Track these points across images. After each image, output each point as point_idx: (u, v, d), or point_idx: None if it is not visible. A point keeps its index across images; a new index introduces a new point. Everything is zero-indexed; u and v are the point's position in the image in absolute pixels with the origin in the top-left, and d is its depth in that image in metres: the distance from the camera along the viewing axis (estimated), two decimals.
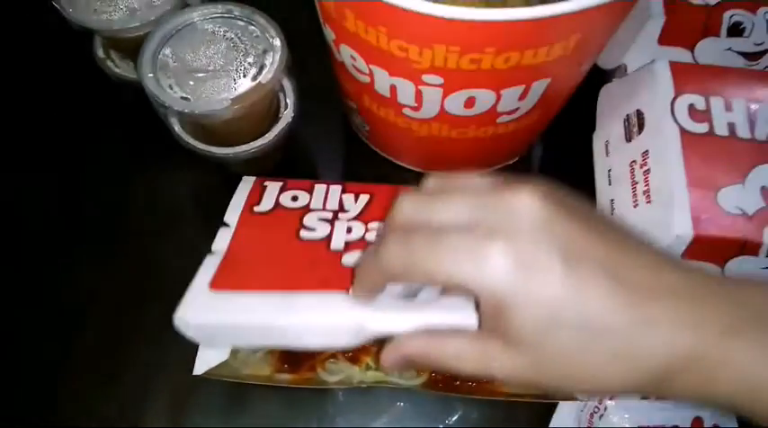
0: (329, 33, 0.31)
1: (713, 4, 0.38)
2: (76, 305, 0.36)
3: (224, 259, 0.28)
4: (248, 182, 0.34)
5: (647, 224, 0.33)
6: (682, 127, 0.33)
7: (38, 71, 0.46)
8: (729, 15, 0.38)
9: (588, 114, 0.40)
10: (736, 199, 0.31)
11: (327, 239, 0.30)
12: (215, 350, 0.28)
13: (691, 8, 0.38)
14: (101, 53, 0.40)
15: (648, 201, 0.33)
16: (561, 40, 0.26)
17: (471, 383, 0.31)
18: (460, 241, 0.21)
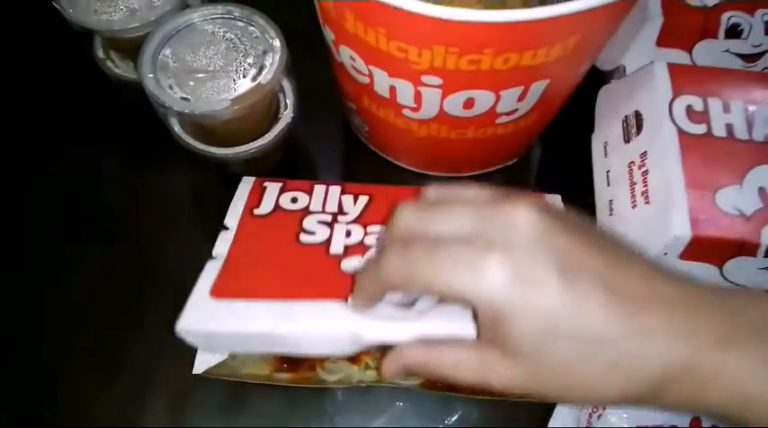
0: (329, 34, 0.31)
1: (711, 5, 0.38)
2: (76, 305, 0.36)
3: (224, 264, 0.29)
4: (248, 182, 0.34)
5: (645, 224, 0.33)
6: (680, 128, 0.33)
7: (38, 71, 0.46)
8: (727, 17, 0.38)
9: (587, 115, 0.40)
10: (734, 199, 0.31)
11: (327, 243, 0.30)
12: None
13: (689, 10, 0.38)
14: (101, 53, 0.40)
15: (647, 202, 0.33)
16: (560, 42, 0.26)
17: None
18: (459, 253, 0.21)
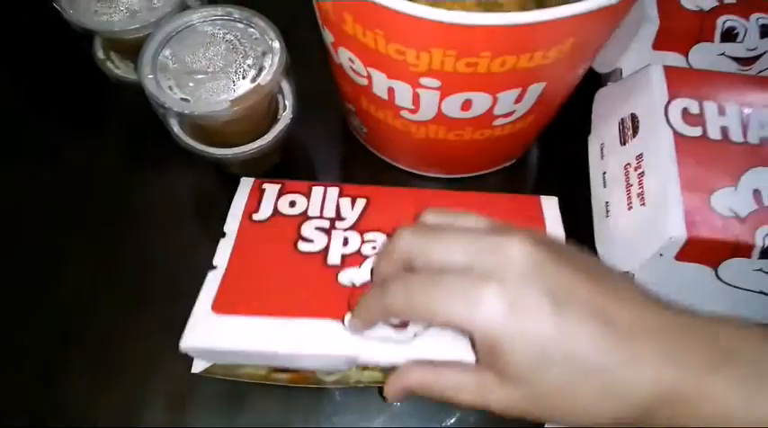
0: (328, 36, 0.32)
1: (707, 9, 0.38)
2: (75, 305, 0.36)
3: (225, 277, 0.30)
4: (247, 183, 0.34)
5: (641, 226, 0.33)
6: (675, 130, 0.33)
7: (38, 72, 0.46)
8: (723, 21, 0.38)
9: (584, 117, 0.41)
10: (728, 201, 0.31)
11: (324, 252, 0.31)
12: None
13: (685, 13, 0.38)
14: (101, 54, 0.40)
15: (643, 204, 0.33)
16: (557, 45, 0.27)
17: None
18: (457, 283, 0.23)
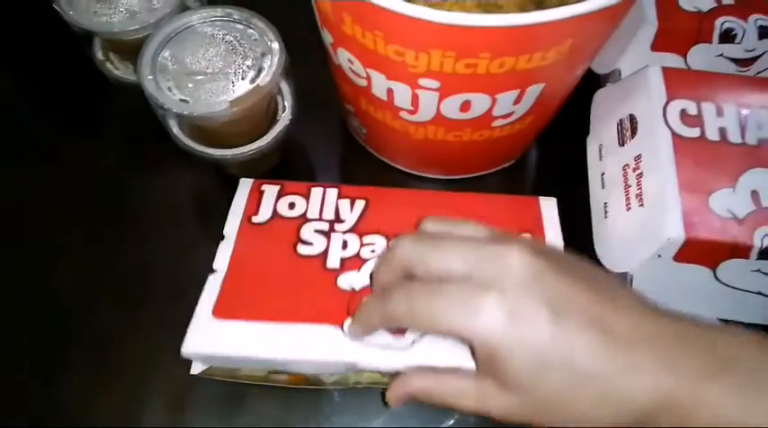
0: (327, 37, 0.32)
1: (706, 10, 0.38)
2: (74, 305, 0.36)
3: (225, 281, 0.30)
4: (246, 184, 0.34)
5: (639, 227, 0.33)
6: (674, 131, 0.33)
7: (38, 72, 0.46)
8: (721, 22, 0.38)
9: (582, 118, 0.41)
10: (727, 202, 0.31)
11: (323, 255, 0.31)
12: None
13: (683, 15, 0.39)
14: (100, 55, 0.40)
15: (641, 205, 0.33)
16: (555, 46, 0.27)
17: None
18: (457, 292, 0.23)
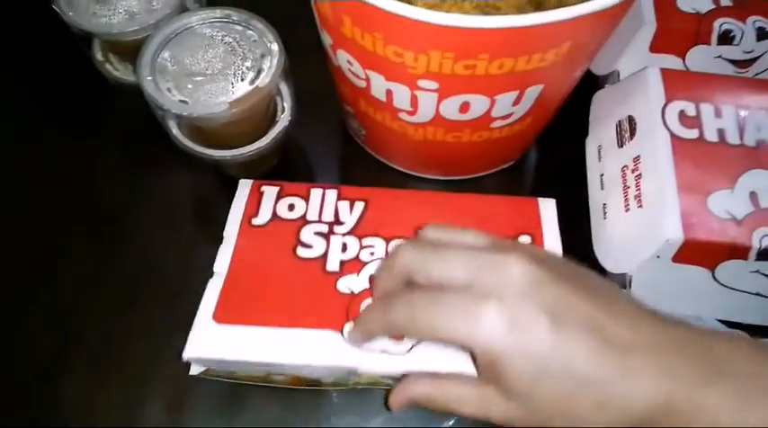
0: (326, 38, 0.32)
1: (704, 12, 0.39)
2: (73, 306, 0.36)
3: (225, 284, 0.30)
4: (245, 185, 0.35)
5: (638, 228, 0.33)
6: (672, 132, 0.34)
7: (37, 73, 0.46)
8: (720, 24, 0.38)
9: (581, 120, 0.41)
10: (725, 203, 0.31)
11: (323, 258, 0.32)
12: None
13: (682, 16, 0.39)
14: (99, 56, 0.41)
15: (640, 206, 0.33)
16: (554, 47, 0.27)
17: None
18: (457, 301, 0.23)
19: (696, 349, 0.23)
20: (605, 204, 0.36)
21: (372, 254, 0.32)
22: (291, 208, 0.33)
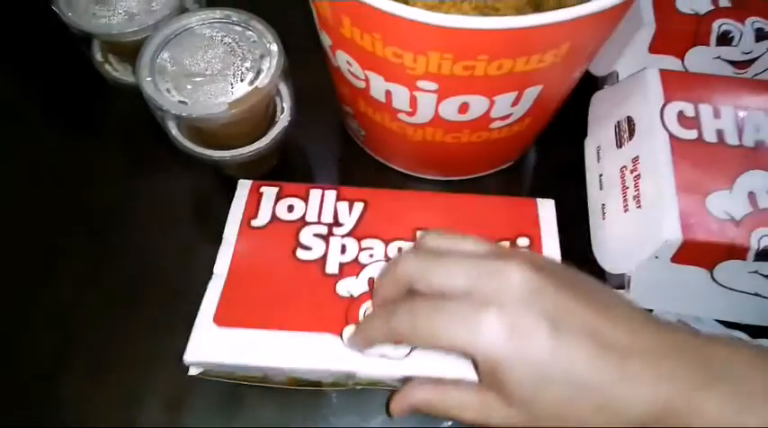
0: (326, 39, 0.32)
1: (703, 13, 0.39)
2: (71, 307, 0.36)
3: (225, 287, 0.31)
4: (245, 186, 0.35)
5: (637, 228, 0.33)
6: (671, 133, 0.34)
7: (36, 74, 0.46)
8: (719, 25, 0.38)
9: (581, 120, 0.41)
10: (724, 204, 0.31)
11: (322, 260, 0.32)
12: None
13: (681, 17, 0.39)
14: (99, 57, 0.41)
15: (638, 206, 0.33)
16: (553, 48, 0.27)
17: None
18: (458, 309, 0.23)
19: (694, 353, 0.23)
20: (604, 204, 0.36)
21: (371, 256, 0.32)
22: (291, 209, 0.34)
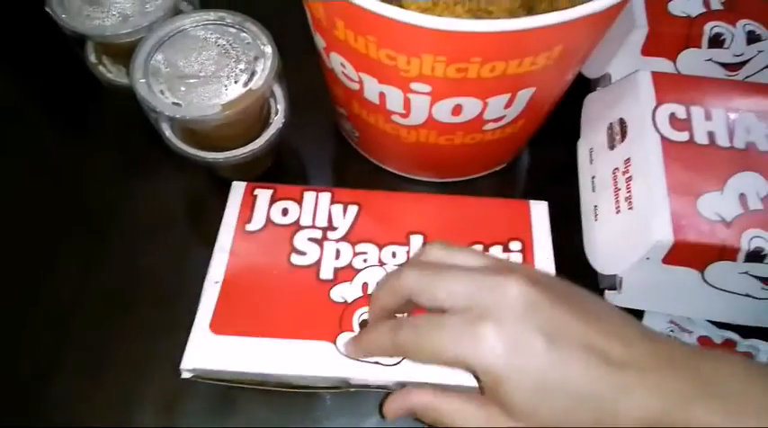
0: (320, 41, 0.32)
1: (695, 16, 0.39)
2: (66, 308, 0.36)
3: (221, 294, 0.31)
4: (239, 188, 0.35)
5: (628, 229, 0.33)
6: (663, 135, 0.34)
7: (30, 75, 0.46)
8: (710, 27, 0.39)
9: (574, 122, 0.41)
10: (715, 205, 0.32)
11: (317, 265, 0.32)
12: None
13: (673, 20, 0.39)
14: (93, 58, 0.40)
15: (630, 208, 0.34)
16: (545, 51, 0.27)
17: None
18: (457, 324, 0.24)
19: (687, 366, 0.23)
20: (596, 206, 0.37)
21: (365, 261, 0.32)
22: (285, 213, 0.34)
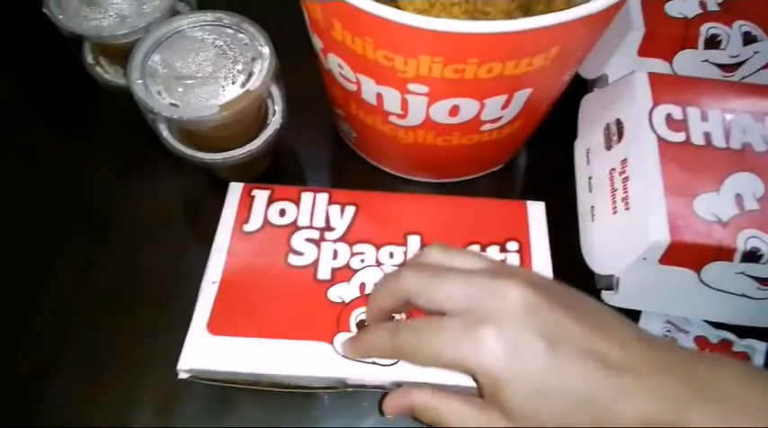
0: (317, 42, 0.32)
1: (691, 17, 0.39)
2: (63, 308, 0.36)
3: (218, 294, 0.31)
4: (236, 189, 0.35)
5: (625, 230, 0.33)
6: (659, 136, 0.34)
7: (27, 76, 0.46)
8: (707, 28, 0.39)
9: (571, 123, 0.41)
10: (711, 206, 0.32)
11: (314, 266, 0.32)
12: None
13: (670, 21, 0.39)
14: (90, 59, 0.40)
15: (627, 208, 0.34)
16: (542, 52, 0.27)
17: None
18: (456, 327, 0.24)
19: (684, 370, 0.24)
20: (593, 206, 0.37)
21: (363, 261, 0.32)
22: (282, 213, 0.34)
